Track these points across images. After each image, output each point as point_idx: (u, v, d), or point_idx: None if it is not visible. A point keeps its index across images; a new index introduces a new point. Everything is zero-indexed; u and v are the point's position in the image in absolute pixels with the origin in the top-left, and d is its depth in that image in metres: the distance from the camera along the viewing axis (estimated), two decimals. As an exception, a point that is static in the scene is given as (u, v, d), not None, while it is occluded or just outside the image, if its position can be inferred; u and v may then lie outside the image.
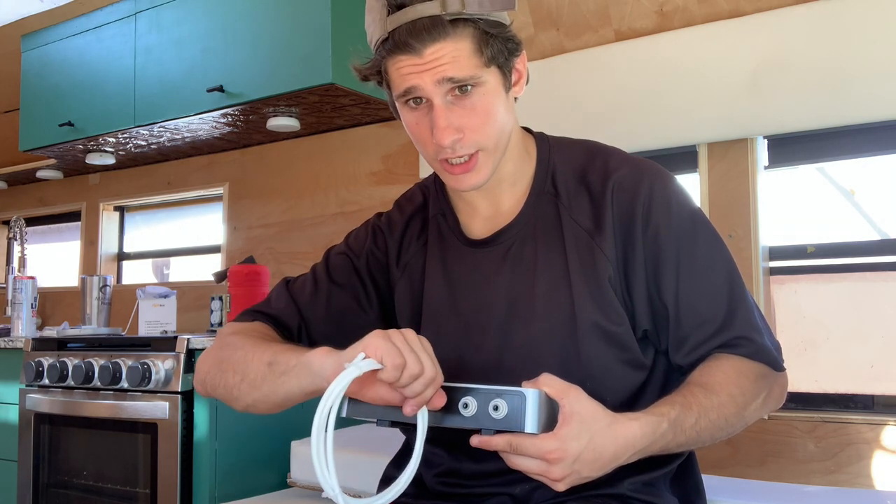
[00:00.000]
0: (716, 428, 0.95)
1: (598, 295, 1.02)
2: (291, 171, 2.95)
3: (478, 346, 1.06)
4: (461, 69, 0.96)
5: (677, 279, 1.01)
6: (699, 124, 2.00)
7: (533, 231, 1.08)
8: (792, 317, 1.95)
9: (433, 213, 1.17)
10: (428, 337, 1.06)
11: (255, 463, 2.08)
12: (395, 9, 0.96)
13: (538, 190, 1.09)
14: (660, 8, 2.07)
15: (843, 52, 1.80)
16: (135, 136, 2.90)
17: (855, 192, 2.01)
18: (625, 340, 1.02)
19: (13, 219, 3.28)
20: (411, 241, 1.16)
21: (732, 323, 1.01)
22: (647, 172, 1.06)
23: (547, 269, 1.05)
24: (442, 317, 1.10)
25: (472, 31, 0.96)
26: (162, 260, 3.60)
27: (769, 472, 1.85)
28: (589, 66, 2.16)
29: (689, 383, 0.97)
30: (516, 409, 0.84)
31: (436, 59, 0.95)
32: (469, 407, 0.86)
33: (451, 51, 0.95)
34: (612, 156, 1.09)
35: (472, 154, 1.00)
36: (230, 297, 2.24)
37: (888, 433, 1.73)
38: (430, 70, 0.95)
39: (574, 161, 1.10)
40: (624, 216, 1.03)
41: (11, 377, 2.50)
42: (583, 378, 0.98)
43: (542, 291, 1.04)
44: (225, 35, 2.53)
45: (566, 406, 0.86)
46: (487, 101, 0.99)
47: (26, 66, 3.16)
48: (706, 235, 1.05)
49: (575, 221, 1.06)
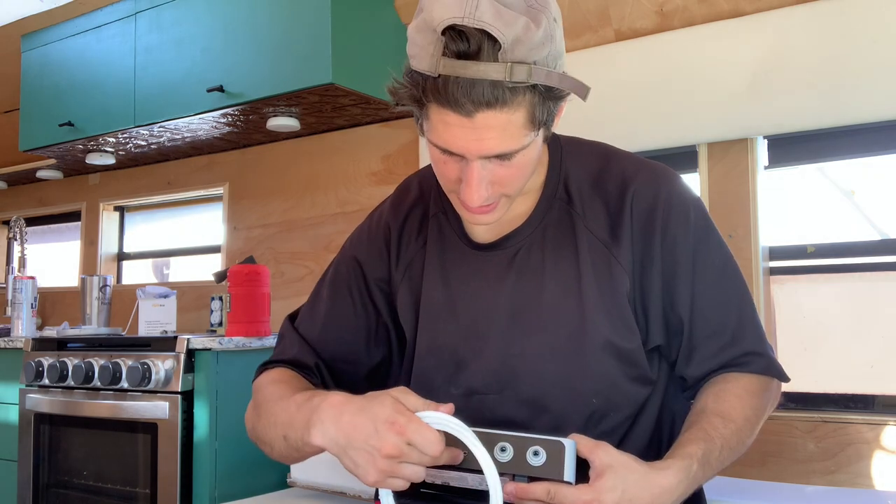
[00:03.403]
0: (735, 453, 0.95)
1: (613, 310, 0.98)
2: (291, 171, 2.95)
3: (477, 352, 1.02)
4: (510, 142, 0.88)
5: (692, 291, 1.00)
6: (699, 124, 2.00)
7: (542, 237, 1.03)
8: (792, 317, 1.95)
9: (434, 211, 1.11)
10: (424, 340, 1.05)
11: (255, 463, 2.08)
12: (452, 54, 0.84)
13: (550, 195, 1.04)
14: (660, 8, 2.07)
15: (843, 52, 1.80)
16: (135, 136, 2.90)
17: (855, 192, 2.01)
18: (636, 357, 1.00)
19: (13, 219, 3.28)
20: (410, 241, 1.11)
21: (743, 336, 1.01)
22: (665, 179, 1.03)
23: (556, 277, 1.00)
24: (440, 321, 1.05)
25: (531, 99, 0.86)
26: (162, 260, 3.59)
27: (769, 472, 1.85)
28: (589, 66, 2.16)
29: (705, 412, 0.96)
30: (555, 458, 0.83)
31: (486, 128, 0.86)
32: (506, 451, 0.84)
33: (504, 122, 0.86)
34: (627, 161, 1.06)
35: (495, 201, 0.94)
36: (230, 297, 2.24)
37: (888, 433, 1.73)
38: (478, 141, 0.87)
39: (588, 166, 1.06)
40: (642, 227, 1.00)
41: (11, 377, 2.50)
42: (589, 393, 0.98)
43: (549, 301, 1.00)
44: (225, 35, 2.53)
45: (597, 460, 0.84)
46: (526, 160, 0.92)
47: (26, 66, 3.16)
48: (718, 242, 1.03)
49: (589, 230, 1.01)
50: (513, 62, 0.83)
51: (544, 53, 0.85)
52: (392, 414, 0.81)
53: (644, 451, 1.02)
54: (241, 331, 2.17)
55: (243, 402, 2.06)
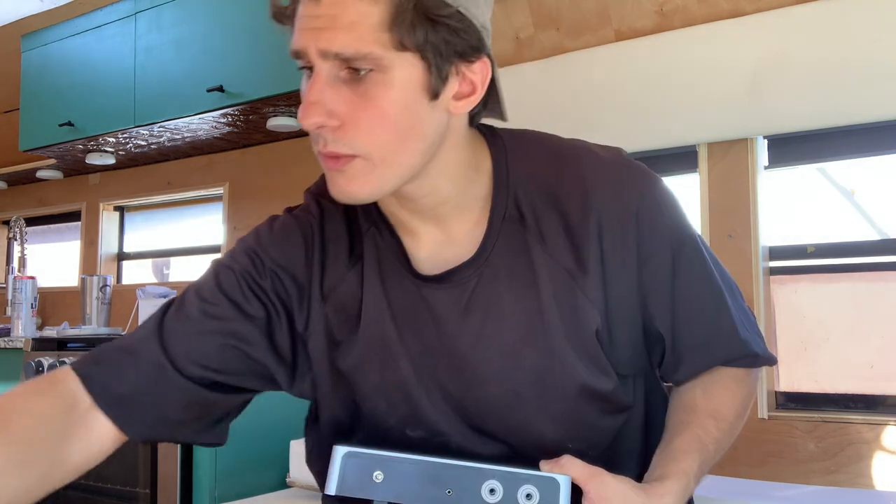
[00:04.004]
0: (724, 451, 0.91)
1: (583, 350, 0.85)
2: (291, 171, 2.95)
3: (432, 393, 0.87)
4: (354, 42, 0.71)
5: (672, 305, 0.89)
6: (699, 124, 2.00)
7: (496, 269, 0.85)
8: (792, 317, 1.95)
9: (366, 226, 0.90)
10: (370, 380, 0.88)
11: (254, 463, 2.08)
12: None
13: (499, 216, 0.86)
14: (660, 8, 2.07)
15: (843, 52, 1.80)
16: (135, 136, 2.90)
17: (855, 192, 2.01)
18: (611, 394, 0.88)
19: (13, 219, 3.28)
20: (337, 262, 0.90)
21: (730, 342, 0.92)
22: (631, 184, 0.87)
23: (516, 318, 0.85)
24: (388, 359, 0.87)
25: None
26: (162, 260, 3.60)
27: (769, 472, 1.85)
28: (589, 66, 2.16)
29: (696, 411, 0.89)
30: (549, 498, 0.76)
31: (331, 16, 0.71)
32: (496, 493, 0.75)
33: (354, 12, 0.71)
34: (586, 163, 0.88)
35: (347, 156, 0.76)
36: (230, 297, 2.24)
37: (888, 433, 1.73)
38: (317, 30, 0.72)
39: (539, 172, 0.88)
40: (612, 249, 0.85)
41: (11, 377, 2.50)
42: (563, 440, 0.88)
43: (509, 342, 0.85)
44: (225, 35, 2.53)
45: (592, 492, 0.76)
46: (386, 95, 0.74)
47: (26, 66, 3.16)
48: (695, 246, 0.91)
49: (549, 256, 0.85)
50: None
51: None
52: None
53: (632, 468, 0.95)
54: (241, 331, 2.17)
55: (243, 402, 2.06)
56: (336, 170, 0.77)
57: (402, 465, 0.76)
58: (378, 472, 0.75)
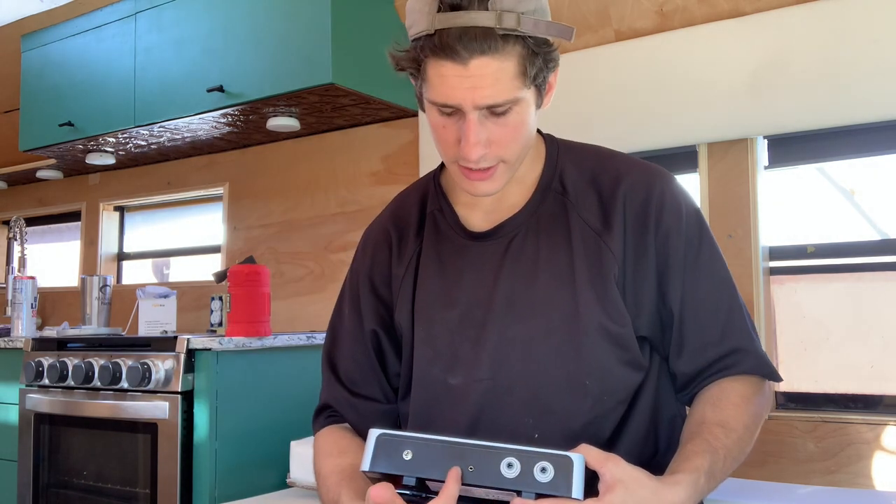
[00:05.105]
0: (736, 462, 0.96)
1: (603, 295, 1.01)
2: (291, 171, 2.95)
3: (473, 339, 1.05)
4: (502, 93, 0.93)
5: (683, 285, 1.03)
6: (699, 124, 2.00)
7: (537, 226, 1.06)
8: (792, 317, 1.95)
9: (430, 209, 1.15)
10: (421, 330, 1.07)
11: (254, 463, 2.08)
12: (447, 7, 0.92)
13: (545, 186, 1.09)
14: (660, 8, 2.07)
15: (843, 52, 1.80)
16: (135, 136, 2.90)
17: (855, 192, 2.01)
18: (627, 341, 1.02)
19: (13, 219, 3.28)
20: (409, 239, 1.14)
21: (731, 332, 1.03)
22: (658, 177, 1.07)
23: (550, 265, 1.04)
24: (434, 310, 1.08)
25: (521, 50, 0.93)
26: (162, 260, 3.60)
27: (769, 472, 1.85)
28: (589, 66, 2.16)
29: (705, 422, 0.97)
30: (563, 474, 0.81)
31: (480, 76, 0.92)
32: (513, 468, 0.82)
33: (496, 70, 0.92)
34: (622, 160, 1.10)
35: (493, 166, 0.99)
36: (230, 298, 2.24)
37: (888, 433, 1.73)
38: (472, 89, 0.92)
39: (583, 163, 1.10)
40: (635, 219, 1.04)
41: (11, 377, 2.50)
42: (583, 377, 0.99)
43: (543, 288, 1.03)
44: (225, 35, 2.53)
45: (607, 474, 0.83)
46: (520, 119, 0.98)
47: (26, 66, 3.16)
48: (710, 241, 1.07)
49: (583, 220, 1.05)
50: (502, 10, 0.91)
51: (531, 6, 0.93)
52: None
53: (641, 442, 1.04)
54: (241, 331, 2.17)
55: (243, 403, 2.07)
56: (484, 179, 1.00)
57: (428, 445, 0.85)
58: (407, 451, 0.85)
